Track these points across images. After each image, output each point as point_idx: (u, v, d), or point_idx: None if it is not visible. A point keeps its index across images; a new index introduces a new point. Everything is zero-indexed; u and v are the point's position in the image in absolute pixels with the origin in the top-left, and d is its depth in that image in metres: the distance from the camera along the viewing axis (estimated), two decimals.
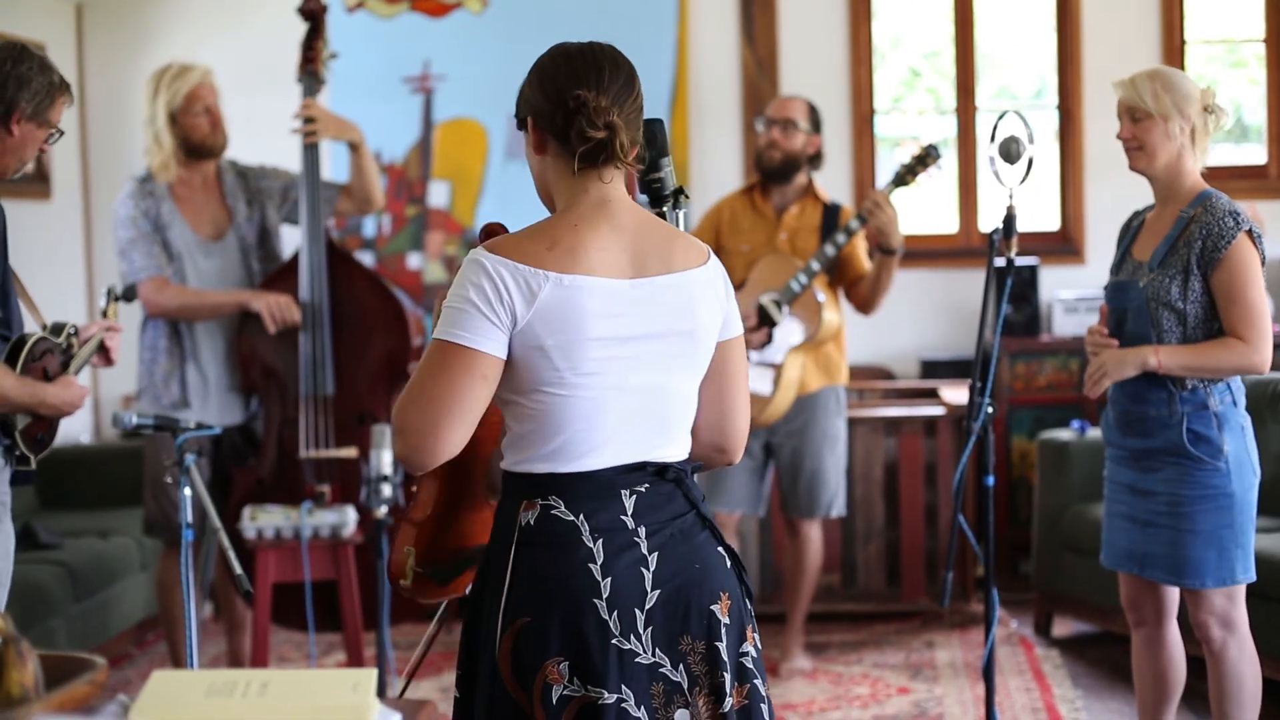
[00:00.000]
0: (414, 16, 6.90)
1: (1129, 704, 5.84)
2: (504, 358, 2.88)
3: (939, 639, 7.00)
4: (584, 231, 2.92)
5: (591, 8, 8.45)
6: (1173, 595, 4.85)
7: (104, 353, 4.61)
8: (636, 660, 2.88)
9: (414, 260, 8.62)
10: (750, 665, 3.00)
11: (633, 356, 2.90)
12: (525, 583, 2.91)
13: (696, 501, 3.00)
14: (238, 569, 4.25)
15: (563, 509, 2.91)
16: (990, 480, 4.93)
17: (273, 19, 8.48)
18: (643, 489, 2.93)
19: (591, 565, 2.88)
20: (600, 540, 2.89)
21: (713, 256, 3.04)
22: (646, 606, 2.89)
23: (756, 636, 3.05)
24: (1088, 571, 6.67)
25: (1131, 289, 4.68)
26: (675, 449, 3.00)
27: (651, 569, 2.90)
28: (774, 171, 6.48)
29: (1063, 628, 7.15)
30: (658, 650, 2.90)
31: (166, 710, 2.07)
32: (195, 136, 6.04)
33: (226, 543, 4.30)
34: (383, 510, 5.34)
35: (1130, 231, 4.88)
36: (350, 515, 5.76)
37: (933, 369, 8.22)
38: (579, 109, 2.92)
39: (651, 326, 2.91)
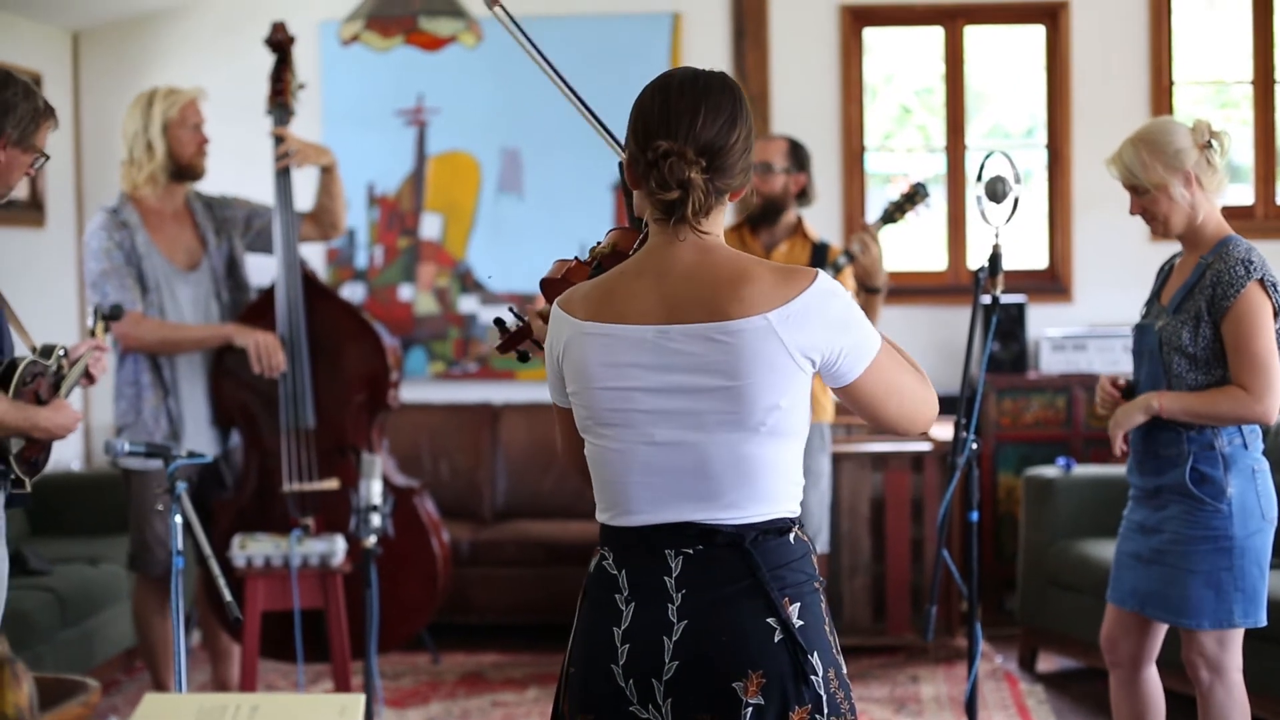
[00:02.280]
0: (408, 50, 6.92)
1: None
2: (567, 405, 2.94)
3: (924, 673, 7.02)
4: (628, 278, 2.84)
5: (585, 44, 8.50)
6: (1155, 639, 4.85)
7: (87, 373, 4.64)
8: None
9: (405, 292, 8.66)
10: None
11: (659, 410, 2.78)
12: (577, 632, 2.92)
13: (758, 568, 2.78)
14: (227, 596, 4.27)
15: (611, 563, 2.87)
16: (975, 515, 4.96)
17: (265, 49, 8.54)
18: (691, 552, 2.80)
19: (615, 629, 2.82)
20: (633, 603, 2.82)
21: (804, 297, 2.74)
22: (665, 676, 2.78)
23: (821, 718, 2.78)
24: (1072, 607, 6.70)
25: (1149, 332, 4.70)
26: (729, 511, 2.80)
27: (674, 638, 2.78)
28: (754, 216, 6.50)
29: (1047, 663, 7.18)
30: None
31: None
32: (184, 154, 6.03)
33: (217, 570, 4.32)
34: (372, 540, 5.35)
35: (1162, 275, 4.87)
36: (339, 544, 5.78)
37: None
38: (657, 162, 2.77)
39: (682, 380, 2.76)
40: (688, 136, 2.78)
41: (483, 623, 7.82)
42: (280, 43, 6.34)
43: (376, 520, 5.39)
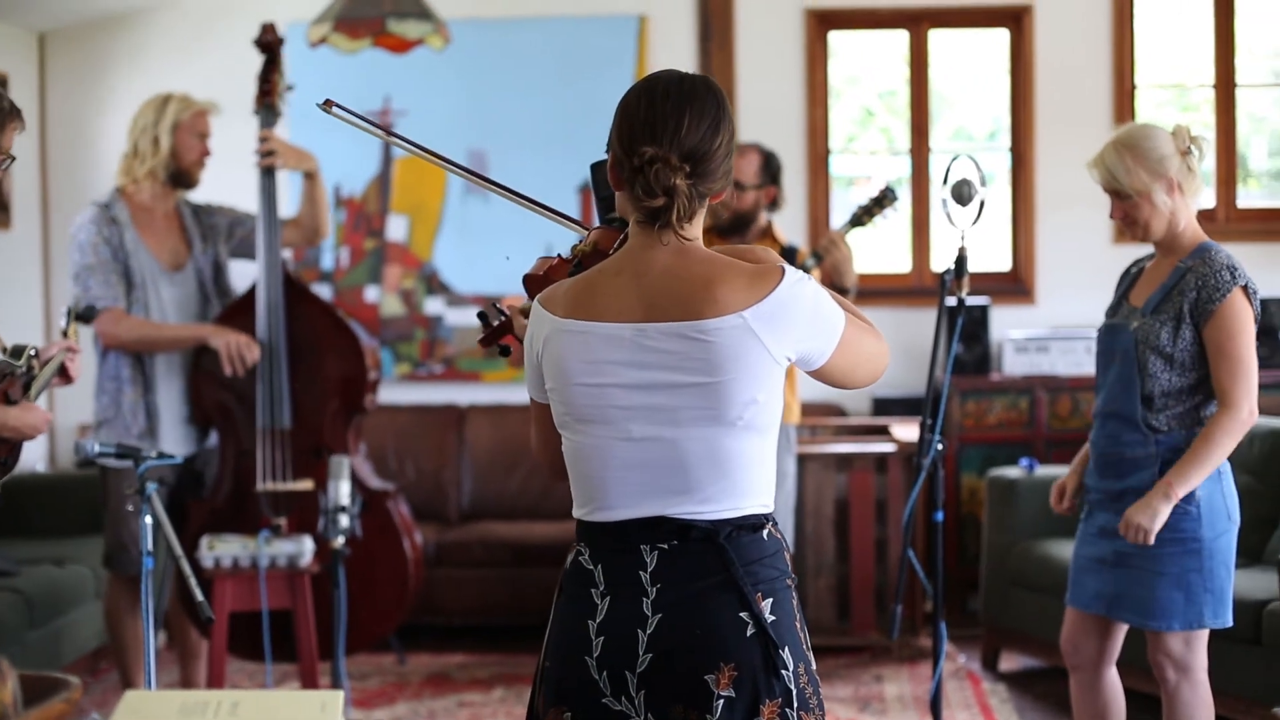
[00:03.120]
0: (376, 53, 6.95)
1: None
2: (545, 401, 2.96)
3: (888, 673, 7.08)
4: (607, 276, 2.88)
5: (552, 46, 8.55)
6: (1116, 641, 4.90)
7: (64, 373, 4.64)
8: None
9: (371, 293, 8.67)
10: None
11: (637, 406, 2.82)
12: (553, 626, 2.96)
13: (731, 563, 2.82)
14: (199, 596, 4.29)
15: (587, 558, 2.91)
16: (939, 515, 5.01)
17: (233, 50, 8.54)
18: (666, 546, 2.84)
19: (590, 622, 2.85)
20: (608, 597, 2.86)
21: (775, 294, 2.80)
22: (639, 669, 2.82)
23: (790, 713, 2.84)
24: (1035, 607, 6.76)
25: (1122, 332, 4.73)
26: (703, 506, 2.84)
27: (649, 631, 2.82)
28: (724, 229, 6.51)
29: (1010, 662, 7.24)
30: (650, 715, 2.82)
31: None
32: (185, 157, 6.10)
33: (188, 570, 4.34)
34: (339, 540, 5.40)
35: (1128, 278, 4.92)
36: (307, 545, 5.80)
37: (884, 406, 8.31)
38: (642, 168, 2.81)
39: (659, 377, 2.81)
40: (673, 142, 2.82)
41: (449, 624, 7.84)
42: (269, 44, 6.37)
43: (345, 521, 5.43)
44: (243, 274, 6.51)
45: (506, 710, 6.56)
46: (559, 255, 3.20)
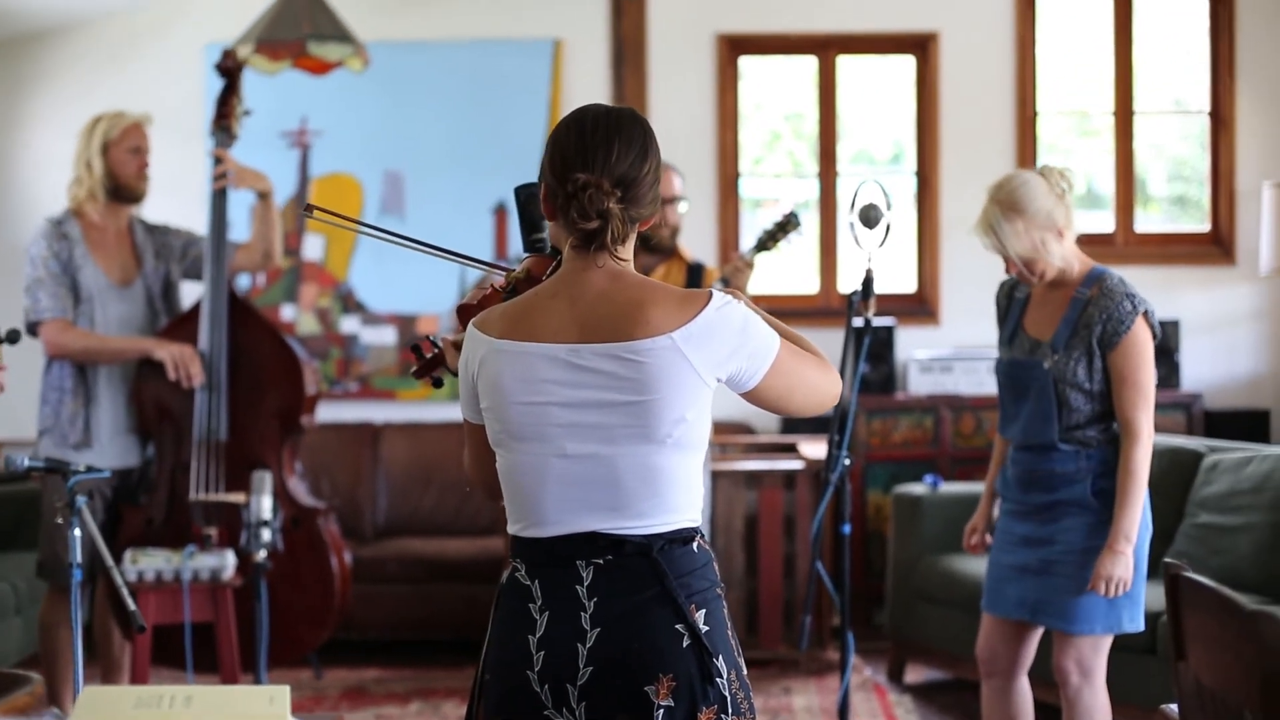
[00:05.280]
0: (295, 73, 7.06)
1: None
2: (479, 422, 3.04)
3: (796, 685, 7.21)
4: (542, 299, 2.97)
5: (468, 68, 8.67)
6: (1031, 647, 5.05)
7: None
8: None
9: (288, 312, 8.76)
10: None
11: (572, 423, 2.90)
12: (491, 640, 3.04)
13: (665, 576, 2.92)
14: (131, 605, 4.36)
15: (523, 574, 2.98)
16: (847, 528, 5.15)
17: (152, 68, 8.65)
18: (601, 562, 2.92)
19: (530, 636, 2.92)
20: (547, 612, 2.93)
21: (702, 316, 2.91)
22: (579, 682, 2.89)
23: (726, 718, 2.92)
24: (940, 620, 6.92)
25: (1035, 369, 4.86)
26: (636, 522, 2.93)
27: (588, 644, 2.89)
28: (667, 249, 6.63)
29: (915, 674, 7.40)
30: None
31: (106, 718, 2.23)
32: (121, 174, 6.20)
33: (120, 579, 4.41)
34: (262, 554, 5.53)
35: (1015, 304, 5.05)
36: (229, 559, 5.88)
37: (792, 425, 8.46)
38: (576, 194, 2.91)
39: (593, 395, 2.89)
40: (604, 169, 2.93)
41: (364, 639, 7.92)
42: (229, 69, 6.48)
43: (266, 535, 5.55)
44: (195, 294, 6.60)
45: None
46: (492, 285, 3.29)
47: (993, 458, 5.20)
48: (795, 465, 7.52)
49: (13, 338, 5.02)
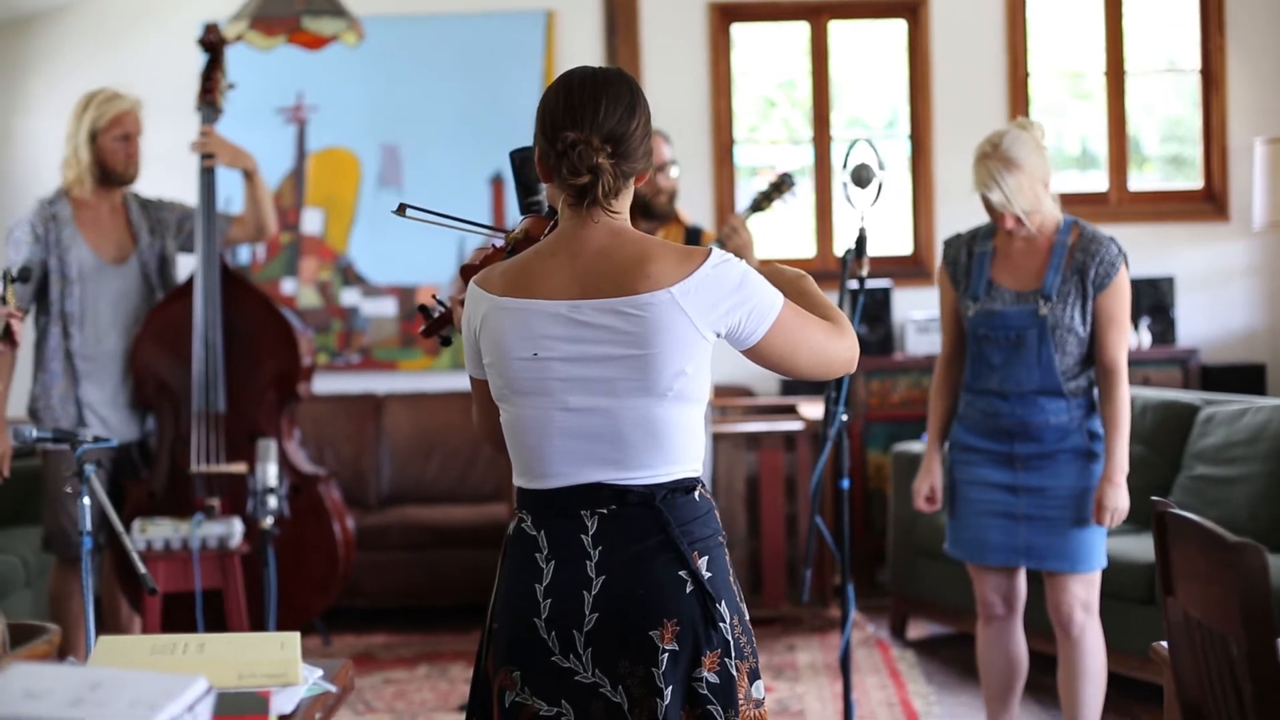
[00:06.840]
0: (290, 49, 7.10)
1: (979, 698, 6.14)
2: (483, 378, 3.11)
3: (799, 642, 7.29)
4: (542, 257, 3.03)
5: (462, 40, 8.71)
6: (1022, 587, 5.18)
7: (9, 337, 4.72)
8: (576, 679, 2.97)
9: (288, 286, 8.82)
10: (705, 691, 2.96)
11: (574, 377, 2.96)
12: (499, 590, 3.11)
13: (668, 525, 2.98)
14: (142, 568, 4.43)
15: (530, 524, 3.05)
16: (846, 483, 5.21)
17: (149, 48, 8.69)
18: (605, 511, 2.99)
19: (537, 585, 2.99)
20: (553, 561, 3.00)
21: (700, 271, 2.95)
22: (585, 628, 2.96)
23: (729, 662, 2.98)
24: (941, 575, 7.00)
25: (1027, 318, 4.96)
26: (639, 472, 3.00)
27: (593, 592, 2.96)
28: (666, 214, 6.67)
29: (917, 630, 7.49)
30: (597, 671, 2.96)
31: (122, 664, 2.29)
32: (110, 162, 6.23)
33: (130, 545, 4.48)
34: (268, 521, 5.61)
35: (978, 258, 5.13)
36: (237, 527, 5.95)
37: (791, 386, 8.52)
38: (566, 152, 2.97)
39: (594, 350, 2.95)
40: (592, 126, 2.99)
41: (370, 606, 8.00)
42: (212, 43, 6.51)
43: (273, 502, 5.63)
44: (190, 268, 6.66)
45: (431, 685, 6.72)
46: (493, 245, 3.36)
47: (933, 413, 5.28)
48: (795, 426, 7.58)
49: (24, 276, 5.01)
